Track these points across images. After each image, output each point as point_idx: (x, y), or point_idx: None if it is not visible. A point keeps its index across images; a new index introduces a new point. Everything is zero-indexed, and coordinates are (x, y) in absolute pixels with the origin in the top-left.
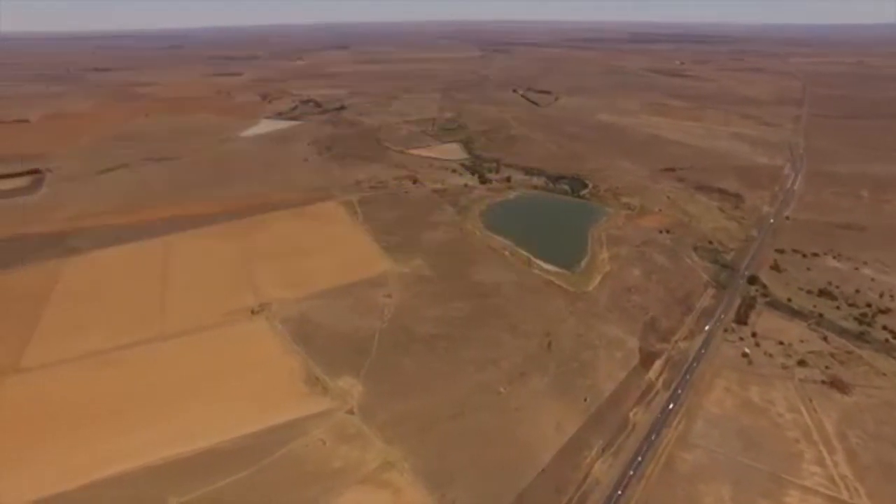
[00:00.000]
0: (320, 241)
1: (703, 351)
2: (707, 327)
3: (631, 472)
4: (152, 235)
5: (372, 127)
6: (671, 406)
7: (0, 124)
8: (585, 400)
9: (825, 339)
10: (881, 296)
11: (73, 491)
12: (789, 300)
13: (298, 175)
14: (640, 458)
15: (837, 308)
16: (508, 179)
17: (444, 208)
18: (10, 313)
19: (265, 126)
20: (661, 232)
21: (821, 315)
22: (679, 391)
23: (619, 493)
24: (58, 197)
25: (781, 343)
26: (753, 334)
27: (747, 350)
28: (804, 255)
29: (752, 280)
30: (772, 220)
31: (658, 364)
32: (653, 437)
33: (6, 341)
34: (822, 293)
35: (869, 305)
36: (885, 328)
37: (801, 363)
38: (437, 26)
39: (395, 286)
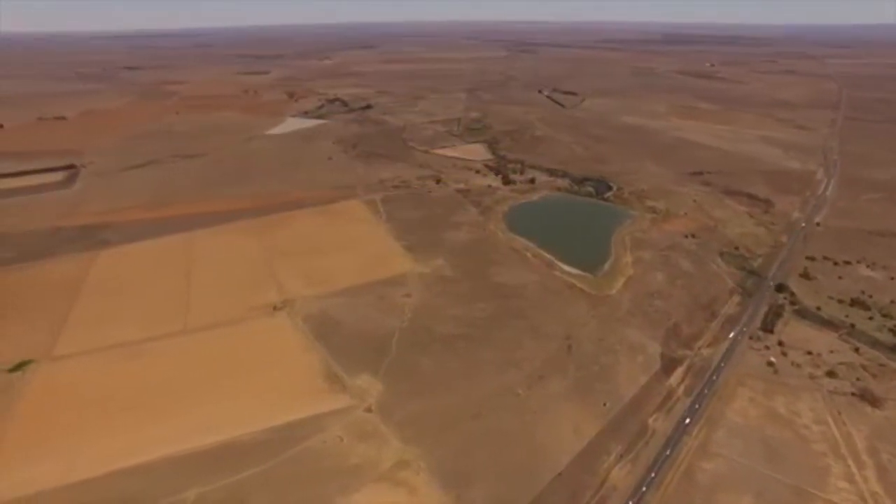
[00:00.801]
0: (343, 240)
1: (726, 358)
2: (731, 334)
3: (649, 480)
4: (178, 231)
5: (397, 126)
6: (692, 414)
7: (41, 121)
8: (605, 405)
9: (857, 350)
10: None
11: (98, 479)
12: (819, 309)
13: (323, 173)
14: (658, 466)
15: (871, 318)
16: (532, 181)
17: (467, 209)
18: (45, 303)
19: (291, 124)
20: (686, 236)
21: (853, 325)
22: (701, 399)
23: (636, 500)
24: (90, 192)
25: (809, 353)
26: (780, 343)
27: (773, 359)
28: (836, 263)
29: (780, 287)
30: (803, 225)
31: (680, 370)
32: (672, 445)
33: (41, 330)
34: (855, 303)
35: None
36: None
37: (831, 374)
38: (463, 26)
39: (416, 286)
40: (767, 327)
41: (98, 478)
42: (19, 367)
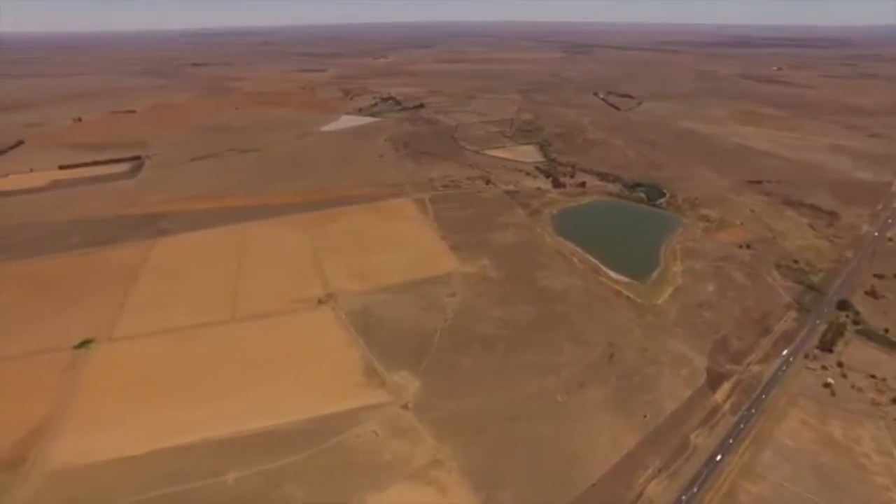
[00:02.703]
0: (390, 237)
1: (778, 376)
2: (785, 352)
3: (688, 497)
4: (232, 222)
5: (449, 126)
6: (738, 432)
7: (113, 114)
8: (645, 416)
9: None
10: None
11: (145, 455)
12: (887, 331)
13: (373, 171)
14: (698, 484)
15: None
16: (583, 184)
17: (515, 210)
18: (108, 286)
19: (345, 122)
20: (740, 247)
21: None
22: (748, 417)
23: None
24: (153, 182)
25: (873, 377)
26: (839, 364)
27: (830, 380)
28: None
29: (843, 305)
30: (875, 235)
31: (726, 386)
32: (714, 463)
33: (103, 312)
34: None
35: None
36: None
37: None
38: (520, 27)
39: (460, 285)
40: (826, 347)
41: (145, 454)
42: (83, 344)
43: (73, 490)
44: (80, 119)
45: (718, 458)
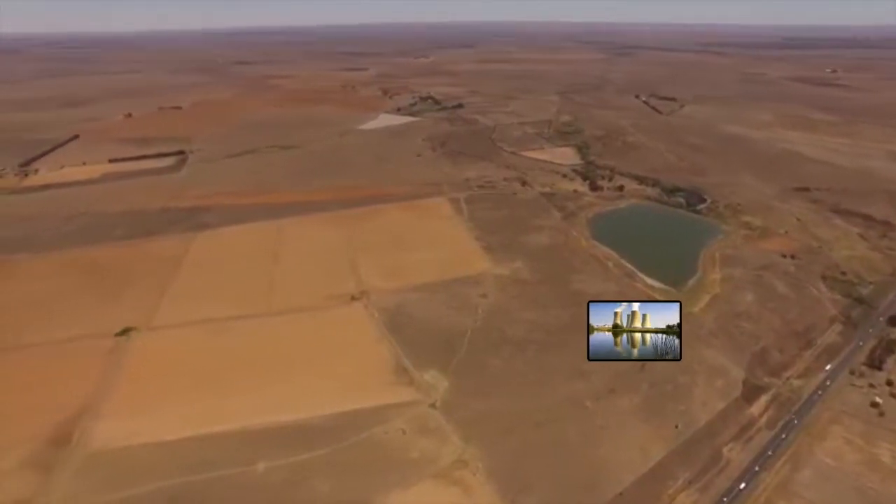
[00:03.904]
0: (423, 236)
1: (820, 392)
2: (829, 366)
3: None
4: (270, 217)
5: (487, 126)
6: (774, 448)
7: (161, 110)
8: (676, 427)
9: None
10: None
11: (179, 441)
12: None
13: (410, 169)
14: (730, 499)
15: None
16: (621, 188)
17: (551, 213)
18: (150, 276)
19: (384, 120)
20: (784, 256)
21: None
22: (786, 433)
23: None
24: (196, 176)
25: None
26: (889, 383)
27: (878, 399)
28: None
29: (895, 321)
30: None
31: (764, 399)
32: (748, 478)
33: (144, 301)
34: None
35: None
36: None
37: None
38: (563, 27)
39: (492, 287)
40: (874, 364)
41: (180, 440)
42: (124, 332)
43: (113, 469)
44: (129, 115)
45: (753, 473)
